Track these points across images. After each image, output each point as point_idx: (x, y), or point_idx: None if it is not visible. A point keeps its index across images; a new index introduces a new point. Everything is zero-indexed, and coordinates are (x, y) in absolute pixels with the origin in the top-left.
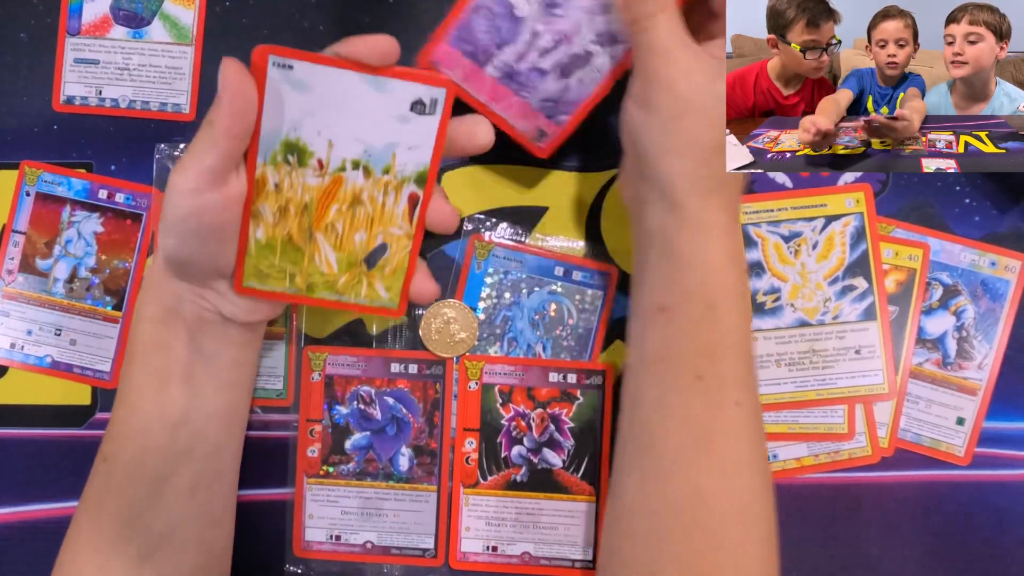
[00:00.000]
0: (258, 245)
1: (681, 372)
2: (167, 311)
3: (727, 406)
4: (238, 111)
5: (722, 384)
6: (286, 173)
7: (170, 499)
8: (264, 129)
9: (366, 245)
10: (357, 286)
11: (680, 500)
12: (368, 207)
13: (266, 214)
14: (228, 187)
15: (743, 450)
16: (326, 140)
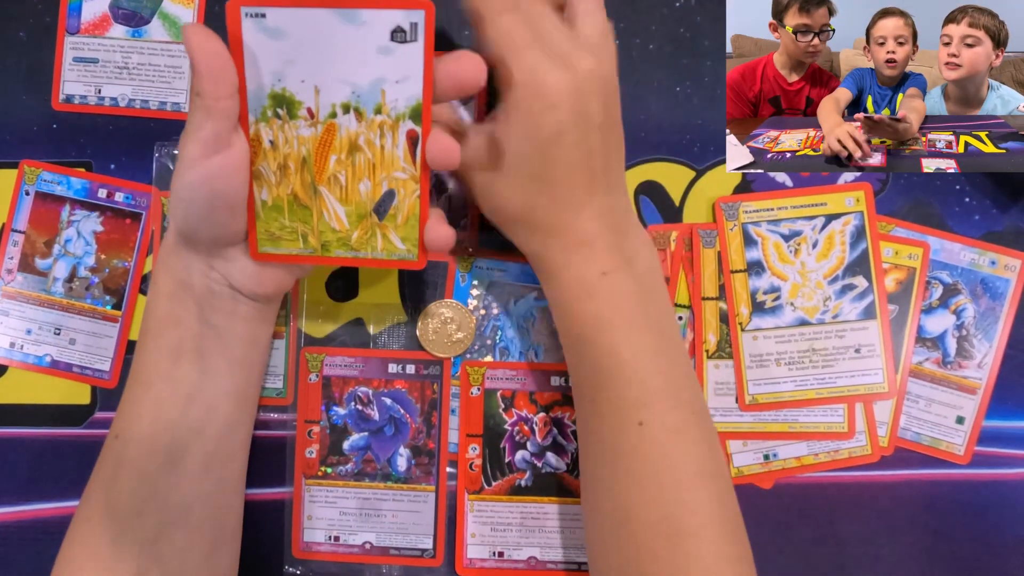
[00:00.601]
0: (265, 207)
1: (580, 396)
2: (178, 284)
3: (628, 426)
4: (216, 72)
5: (618, 406)
6: (279, 128)
7: (184, 476)
8: (249, 86)
9: (372, 194)
10: (372, 240)
11: (610, 515)
12: (367, 152)
13: (267, 174)
14: (233, 150)
15: (658, 466)
16: (312, 87)
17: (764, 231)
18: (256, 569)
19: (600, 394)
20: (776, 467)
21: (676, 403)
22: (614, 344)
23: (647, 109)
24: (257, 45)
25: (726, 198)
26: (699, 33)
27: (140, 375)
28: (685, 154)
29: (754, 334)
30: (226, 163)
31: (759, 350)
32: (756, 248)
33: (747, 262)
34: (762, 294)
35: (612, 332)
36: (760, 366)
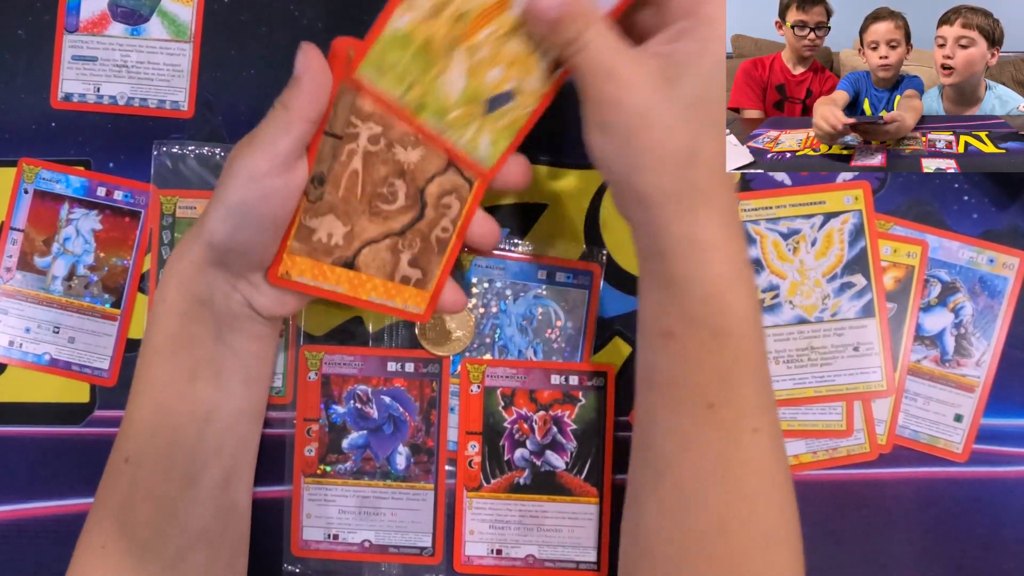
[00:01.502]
0: (395, 34)
1: (692, 400)
2: (196, 303)
3: (744, 434)
4: (316, 95)
5: (737, 412)
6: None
7: (205, 495)
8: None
9: (496, 86)
10: (465, 128)
11: (700, 531)
12: (518, 46)
13: (423, 4)
14: (294, 174)
15: (763, 477)
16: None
17: (763, 229)
18: (255, 567)
19: (723, 397)
20: None
21: (775, 407)
22: (749, 343)
23: None
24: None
25: None
26: None
27: (150, 395)
28: None
29: None
30: (284, 187)
31: None
32: (755, 246)
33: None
34: (761, 292)
35: (750, 329)
36: None
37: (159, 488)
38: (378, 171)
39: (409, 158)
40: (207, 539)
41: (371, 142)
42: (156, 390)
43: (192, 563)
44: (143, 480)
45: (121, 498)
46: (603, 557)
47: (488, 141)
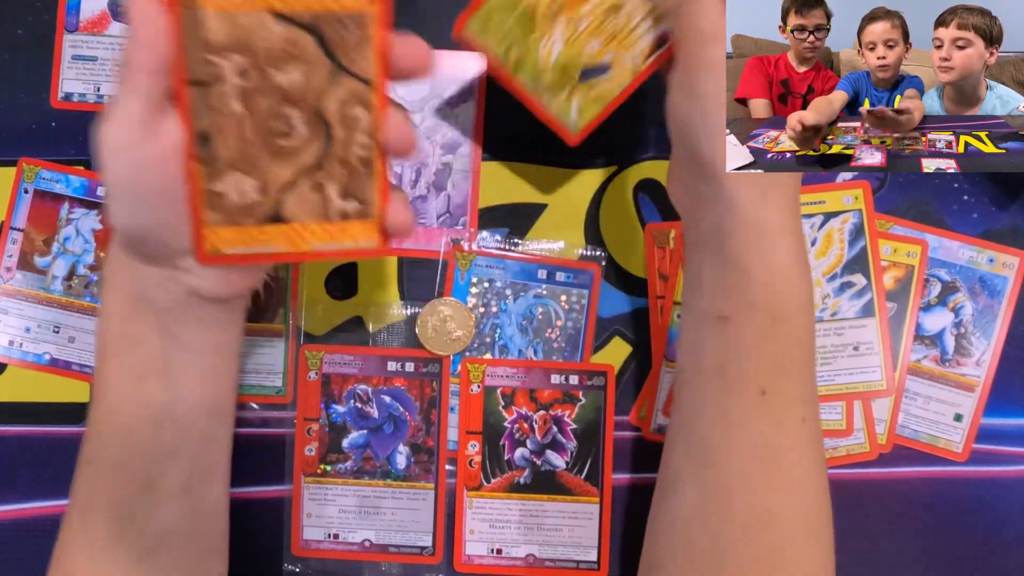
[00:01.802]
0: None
1: (744, 386)
2: (134, 301)
3: (793, 422)
4: (148, 41)
5: (788, 400)
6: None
7: (162, 499)
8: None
9: (594, 56)
10: (559, 92)
11: (745, 518)
12: (620, 20)
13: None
14: (163, 137)
15: (809, 468)
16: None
17: None
18: (256, 567)
19: (775, 384)
20: None
21: (817, 398)
22: (805, 328)
23: (646, 107)
24: None
25: None
26: None
27: (103, 398)
28: None
29: None
30: (157, 154)
31: None
32: None
33: None
34: None
35: (807, 314)
36: None
37: (114, 491)
38: (262, 105)
39: (290, 79)
40: (170, 542)
41: (241, 76)
42: (107, 393)
43: (155, 565)
44: (100, 484)
45: (82, 499)
46: (603, 556)
47: (577, 108)
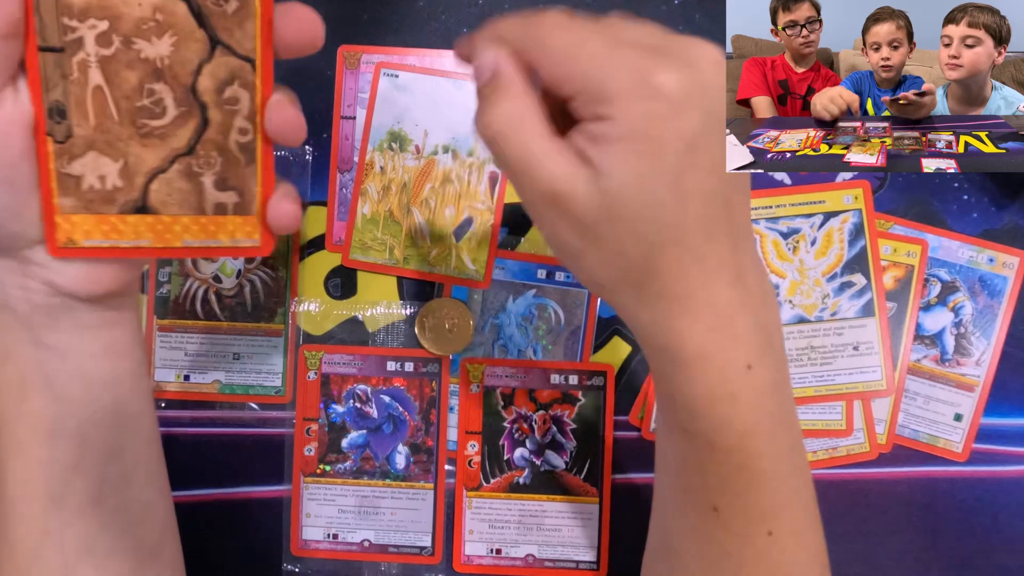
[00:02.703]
0: (364, 219)
1: (697, 500)
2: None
3: (756, 538)
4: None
5: (745, 518)
6: (390, 158)
7: (72, 515)
8: (374, 123)
9: (454, 219)
10: (447, 258)
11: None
12: (456, 185)
13: (372, 192)
14: (5, 107)
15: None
16: (423, 130)
17: (763, 228)
18: (255, 567)
19: (726, 503)
20: None
21: (804, 498)
22: (752, 455)
23: None
24: (388, 96)
25: None
26: (698, 32)
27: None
28: None
29: None
30: (1, 124)
31: None
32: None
33: None
34: None
35: (753, 441)
36: None
37: (23, 510)
38: (127, 79)
39: (160, 51)
40: (92, 556)
41: (101, 43)
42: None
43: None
44: (11, 501)
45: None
46: (603, 556)
47: (469, 259)
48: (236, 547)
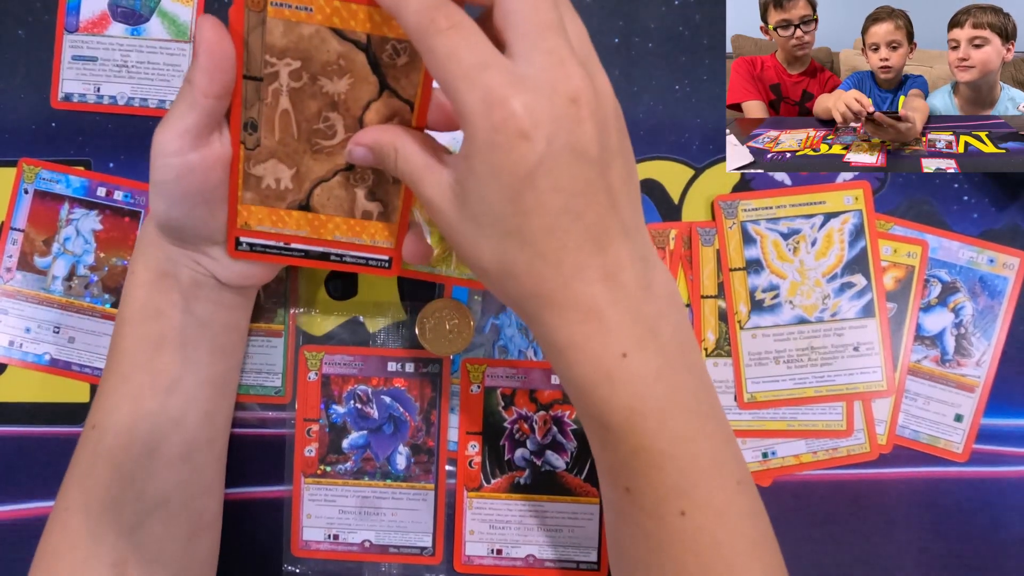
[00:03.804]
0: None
1: (612, 481)
2: (161, 275)
3: (669, 517)
4: (216, 68)
5: (655, 497)
6: None
7: (161, 466)
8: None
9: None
10: (448, 260)
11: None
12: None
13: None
14: (210, 148)
15: (706, 554)
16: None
17: (763, 229)
18: (255, 567)
19: (635, 483)
20: (775, 465)
21: (720, 481)
22: (645, 437)
23: (646, 107)
24: None
25: (725, 196)
26: (698, 31)
27: (118, 365)
28: (684, 152)
29: (753, 332)
30: (201, 162)
31: (758, 348)
32: (755, 246)
33: (746, 260)
34: (761, 292)
35: (642, 423)
36: (759, 364)
37: (118, 456)
38: (309, 107)
39: (338, 88)
40: (166, 511)
41: (293, 78)
42: (122, 360)
43: (149, 533)
44: (104, 447)
45: (85, 464)
46: (603, 557)
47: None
48: (237, 548)
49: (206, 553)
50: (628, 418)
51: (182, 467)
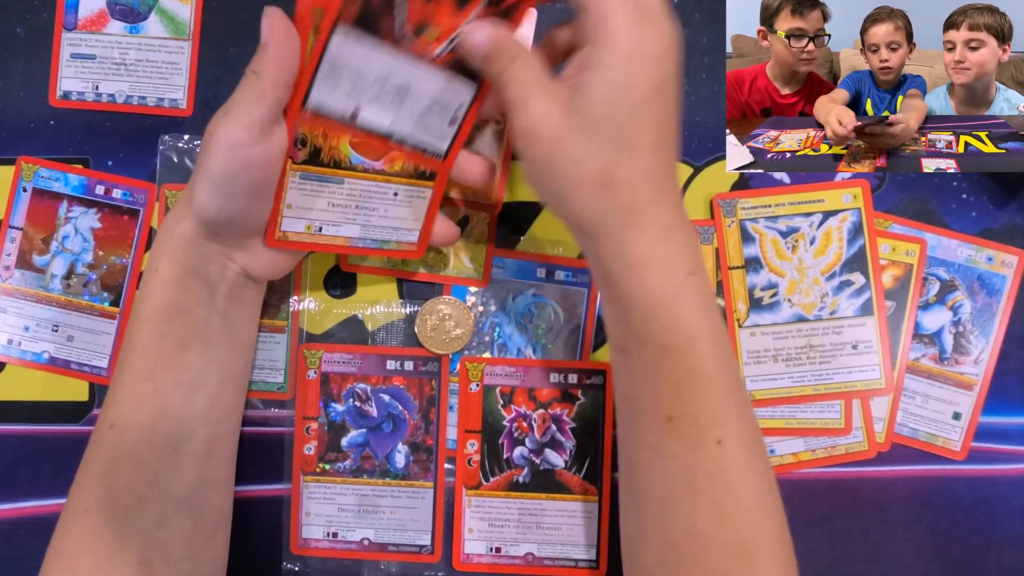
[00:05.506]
0: None
1: (652, 413)
2: (188, 273)
3: (707, 445)
4: (285, 58)
5: (697, 424)
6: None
7: (186, 463)
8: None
9: (451, 218)
10: (445, 259)
11: (677, 539)
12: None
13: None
14: (273, 140)
15: (734, 487)
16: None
17: (762, 227)
18: (254, 565)
19: (680, 410)
20: (773, 463)
21: (746, 416)
22: (701, 356)
23: None
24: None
25: (724, 195)
26: (697, 31)
27: (138, 363)
28: (683, 151)
29: (752, 330)
30: (266, 154)
31: (756, 346)
32: (754, 245)
33: (745, 258)
34: (759, 290)
35: (700, 342)
36: (757, 362)
37: (142, 454)
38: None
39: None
40: (189, 507)
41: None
42: (145, 358)
43: (173, 530)
44: (127, 445)
45: (105, 463)
46: (602, 555)
47: (467, 258)
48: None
49: (222, 549)
50: (689, 337)
51: (205, 463)
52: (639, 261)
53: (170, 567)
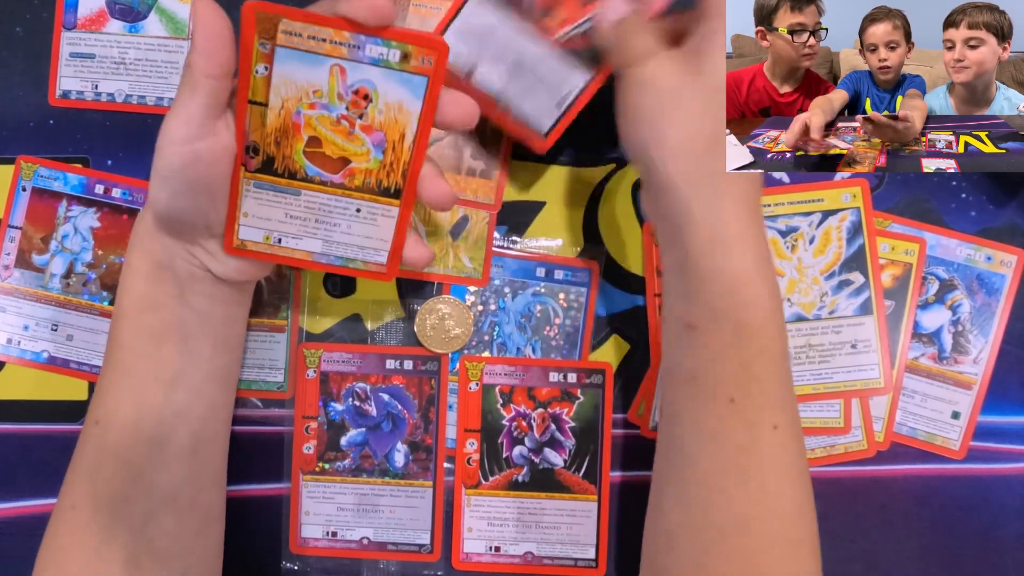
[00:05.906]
0: None
1: (714, 394)
2: (158, 266)
3: (764, 429)
4: (211, 50)
5: (758, 406)
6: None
7: (170, 460)
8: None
9: (450, 218)
10: (445, 258)
11: (722, 526)
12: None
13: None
14: (217, 137)
15: (784, 474)
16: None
17: None
18: (254, 564)
19: (741, 391)
20: None
21: (796, 405)
22: (772, 338)
23: None
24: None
25: None
26: None
27: (118, 358)
28: None
29: None
30: (209, 150)
31: None
32: None
33: None
34: None
35: (773, 325)
36: None
37: (126, 451)
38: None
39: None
40: (176, 505)
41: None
42: (123, 353)
43: (160, 527)
44: (111, 442)
45: (91, 460)
46: (601, 554)
47: (467, 257)
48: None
49: (214, 546)
50: (765, 319)
51: (191, 461)
52: (729, 234)
53: (159, 564)
